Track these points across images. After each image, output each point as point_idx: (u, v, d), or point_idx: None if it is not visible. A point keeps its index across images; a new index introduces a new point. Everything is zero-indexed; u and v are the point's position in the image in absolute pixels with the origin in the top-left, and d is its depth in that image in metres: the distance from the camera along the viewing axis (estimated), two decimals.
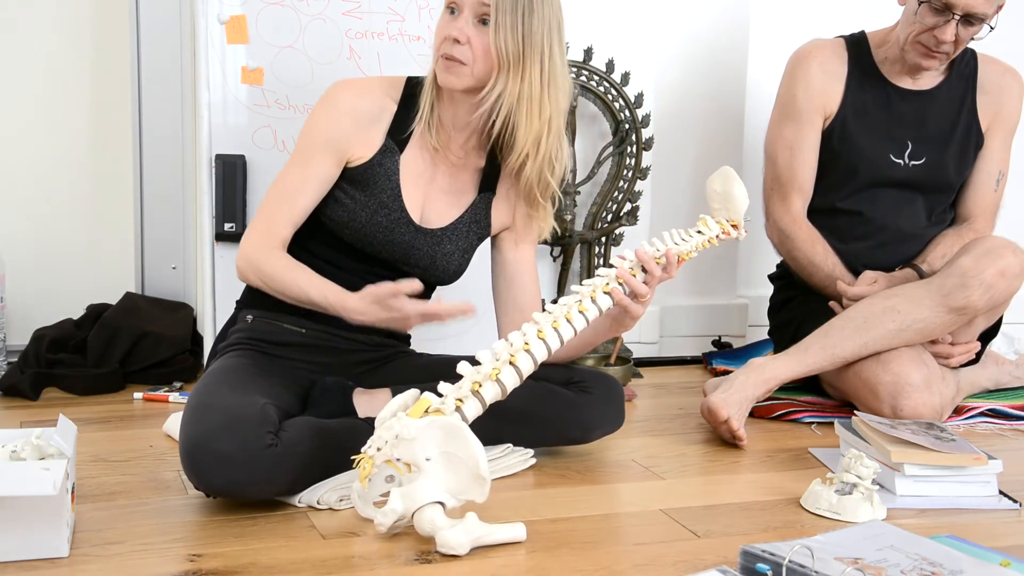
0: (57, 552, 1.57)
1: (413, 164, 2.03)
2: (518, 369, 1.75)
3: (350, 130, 1.98)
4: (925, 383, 2.30)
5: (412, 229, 2.02)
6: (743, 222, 2.04)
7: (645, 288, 1.90)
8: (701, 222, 2.03)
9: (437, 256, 2.05)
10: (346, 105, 1.99)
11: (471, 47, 1.91)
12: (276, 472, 1.73)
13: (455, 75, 1.94)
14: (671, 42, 2.97)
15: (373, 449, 1.69)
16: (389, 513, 1.65)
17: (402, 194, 2.01)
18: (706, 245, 2.01)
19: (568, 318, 1.82)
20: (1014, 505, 1.93)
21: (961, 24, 2.40)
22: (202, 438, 1.70)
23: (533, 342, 1.77)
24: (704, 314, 3.10)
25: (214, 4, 2.47)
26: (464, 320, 2.25)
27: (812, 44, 2.62)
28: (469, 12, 1.91)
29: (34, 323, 2.66)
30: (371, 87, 2.05)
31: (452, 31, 1.91)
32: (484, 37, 1.91)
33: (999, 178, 2.61)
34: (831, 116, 2.58)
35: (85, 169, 2.78)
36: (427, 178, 2.04)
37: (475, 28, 1.91)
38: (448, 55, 1.92)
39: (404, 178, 2.01)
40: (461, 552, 1.61)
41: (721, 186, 2.02)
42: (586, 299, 1.85)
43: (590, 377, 2.11)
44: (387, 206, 2.00)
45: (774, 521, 1.83)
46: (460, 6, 1.92)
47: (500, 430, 2.03)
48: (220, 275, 2.49)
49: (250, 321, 2.04)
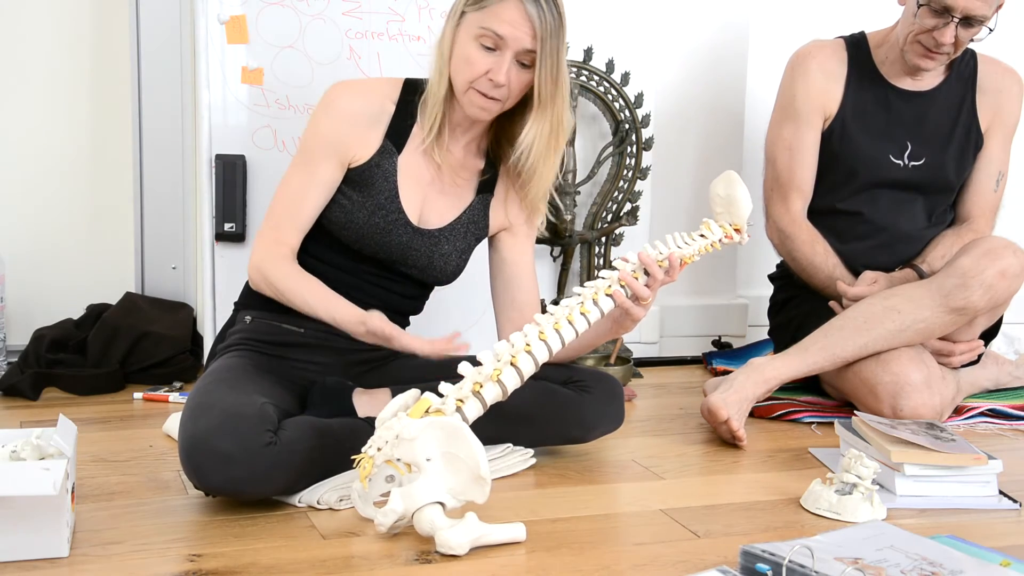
0: (57, 552, 1.57)
1: (411, 166, 2.03)
2: (519, 370, 1.75)
3: (349, 132, 1.99)
4: (925, 383, 2.30)
5: (410, 230, 2.02)
6: (746, 227, 2.04)
7: (647, 291, 1.90)
8: (704, 226, 2.03)
9: (435, 257, 2.06)
10: (345, 107, 2.00)
11: (509, 88, 1.94)
12: (275, 471, 1.74)
13: (488, 111, 1.96)
14: (671, 42, 2.97)
15: (373, 449, 1.69)
16: (389, 513, 1.65)
17: (400, 195, 2.01)
18: (709, 249, 2.01)
19: (570, 319, 1.82)
20: (1014, 505, 1.93)
21: (960, 26, 2.40)
22: (201, 437, 1.70)
23: (534, 343, 1.77)
24: (704, 314, 3.10)
25: (214, 4, 2.47)
26: (463, 319, 2.25)
27: (811, 45, 2.62)
28: (511, 54, 1.91)
29: (34, 323, 2.66)
30: (369, 88, 2.06)
31: (497, 74, 1.91)
32: (522, 78, 1.94)
33: (999, 178, 2.61)
34: (831, 117, 2.58)
35: (85, 169, 2.78)
36: (425, 180, 2.05)
37: (515, 68, 1.93)
38: (486, 93, 1.93)
39: (402, 179, 2.02)
40: (460, 552, 1.61)
41: (724, 190, 2.02)
42: (588, 301, 1.85)
43: (590, 376, 2.11)
44: (384, 207, 2.00)
45: (774, 521, 1.83)
46: (503, 47, 1.91)
47: (500, 429, 2.03)
48: (220, 275, 2.49)
49: (248, 322, 2.04)
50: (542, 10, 1.90)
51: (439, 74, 1.98)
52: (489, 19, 1.90)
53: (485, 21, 1.91)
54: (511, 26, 1.89)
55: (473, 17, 1.92)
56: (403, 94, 2.03)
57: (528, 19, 1.89)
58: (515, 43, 1.90)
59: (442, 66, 1.97)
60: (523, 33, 1.90)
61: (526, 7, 1.89)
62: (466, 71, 1.93)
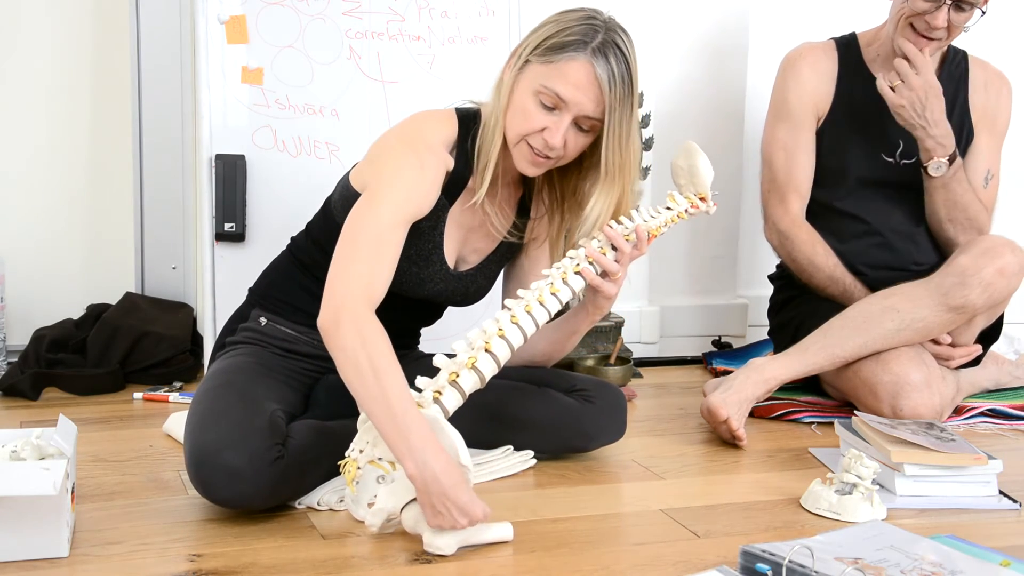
0: (57, 552, 1.57)
1: (459, 216, 1.95)
2: (495, 356, 1.72)
3: (432, 203, 1.85)
4: (925, 383, 2.30)
5: (448, 276, 1.97)
6: (711, 195, 2.01)
7: (616, 266, 1.86)
8: (669, 198, 1.98)
9: (469, 294, 2.03)
10: (429, 175, 1.83)
11: (565, 148, 1.83)
12: (281, 485, 1.73)
13: (538, 168, 1.86)
14: (671, 42, 2.97)
15: (356, 452, 1.69)
16: (378, 513, 1.65)
17: (443, 246, 1.94)
18: (675, 220, 1.97)
19: (541, 300, 1.80)
20: (1014, 505, 1.93)
21: (953, 9, 2.40)
22: (211, 450, 1.68)
23: (507, 327, 1.75)
24: (704, 314, 3.10)
25: (214, 4, 2.47)
26: (463, 320, 2.24)
27: (803, 47, 2.64)
28: (571, 117, 1.80)
29: (34, 323, 2.66)
30: (439, 144, 1.87)
31: (553, 136, 1.79)
32: (579, 141, 1.83)
33: (988, 177, 2.61)
34: (823, 116, 2.59)
35: (85, 169, 2.78)
36: (470, 225, 1.98)
37: (573, 130, 1.82)
38: (539, 152, 1.82)
39: (448, 230, 1.94)
40: (447, 552, 1.61)
41: (685, 161, 1.99)
42: (557, 280, 1.83)
43: (593, 386, 2.09)
44: (427, 258, 1.92)
45: (774, 521, 1.83)
46: (563, 109, 1.79)
47: (502, 437, 2.03)
48: (220, 275, 2.49)
49: (263, 324, 2.01)
50: (612, 76, 1.77)
51: (495, 122, 1.86)
52: (553, 77, 1.78)
53: (548, 78, 1.78)
54: (576, 89, 1.77)
55: (537, 70, 1.80)
56: (459, 139, 1.90)
57: (596, 84, 1.77)
58: (576, 108, 1.78)
59: (498, 114, 1.85)
60: (588, 99, 1.78)
61: (595, 70, 1.76)
62: (521, 124, 1.82)
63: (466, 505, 1.58)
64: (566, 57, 1.78)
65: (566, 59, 1.78)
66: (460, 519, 1.59)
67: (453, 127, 1.90)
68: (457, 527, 1.60)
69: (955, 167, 2.46)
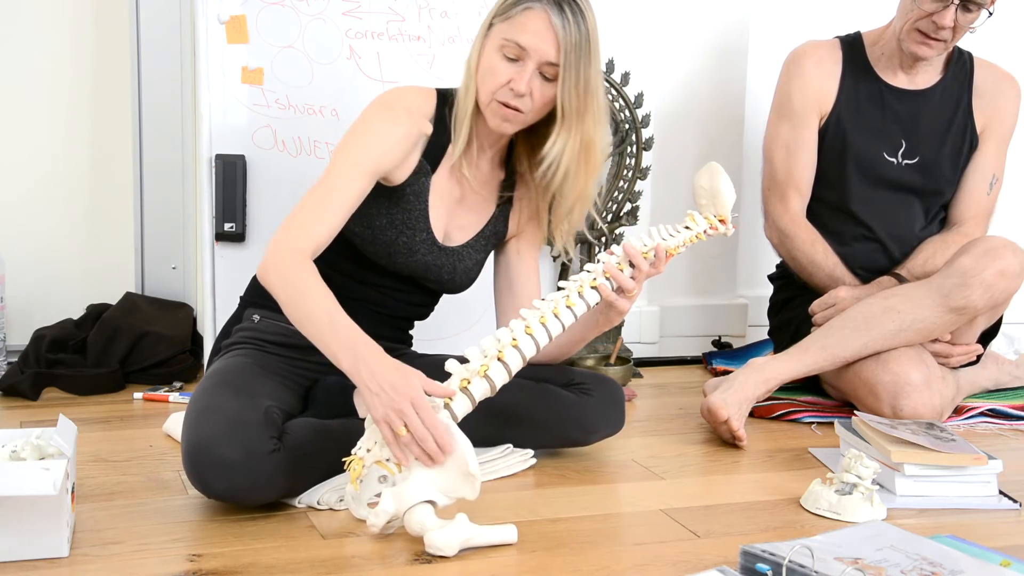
0: (57, 552, 1.57)
1: (442, 185, 2.00)
2: (507, 365, 1.74)
3: (398, 159, 1.93)
4: (925, 383, 2.30)
5: (435, 249, 2.01)
6: (730, 217, 2.03)
7: (632, 283, 1.89)
8: (689, 217, 2.02)
9: (456, 272, 2.05)
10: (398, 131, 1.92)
11: (532, 98, 1.90)
12: (277, 477, 1.73)
13: (510, 123, 1.93)
14: (671, 42, 2.97)
15: (363, 451, 1.69)
16: (381, 514, 1.65)
17: (429, 215, 1.99)
18: (694, 240, 2.00)
19: (556, 313, 1.81)
20: (1014, 505, 1.93)
21: (960, 9, 2.40)
22: (205, 444, 1.69)
23: (521, 338, 1.76)
24: (704, 314, 3.10)
25: (214, 4, 2.47)
26: (463, 320, 2.24)
27: (807, 44, 2.63)
28: (534, 66, 1.88)
29: (34, 323, 2.66)
30: (416, 109, 1.97)
31: (517, 83, 1.88)
32: (545, 90, 1.90)
33: (992, 182, 2.61)
34: (826, 115, 2.59)
35: (85, 169, 2.78)
36: (454, 197, 2.03)
37: (538, 80, 1.89)
38: (508, 103, 1.90)
39: (433, 199, 1.99)
40: (449, 553, 1.61)
41: (708, 182, 2.01)
42: (573, 294, 1.85)
43: (591, 379, 2.11)
44: (413, 227, 1.98)
45: (774, 521, 1.83)
46: (524, 58, 1.88)
47: (501, 432, 2.03)
48: (220, 275, 2.49)
49: (256, 321, 2.03)
50: (567, 22, 1.86)
51: (466, 88, 1.95)
52: (513, 29, 1.88)
53: (509, 32, 1.88)
54: (533, 36, 1.86)
55: (499, 28, 1.90)
56: (438, 109, 1.99)
57: (552, 30, 1.86)
58: (537, 54, 1.87)
59: (469, 80, 1.94)
60: (546, 44, 1.86)
61: (551, 18, 1.86)
62: (489, 82, 1.90)
63: (397, 383, 1.64)
64: (523, 8, 1.89)
65: (523, 10, 1.89)
66: (394, 396, 1.64)
67: (432, 99, 2.00)
68: (394, 407, 1.63)
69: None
